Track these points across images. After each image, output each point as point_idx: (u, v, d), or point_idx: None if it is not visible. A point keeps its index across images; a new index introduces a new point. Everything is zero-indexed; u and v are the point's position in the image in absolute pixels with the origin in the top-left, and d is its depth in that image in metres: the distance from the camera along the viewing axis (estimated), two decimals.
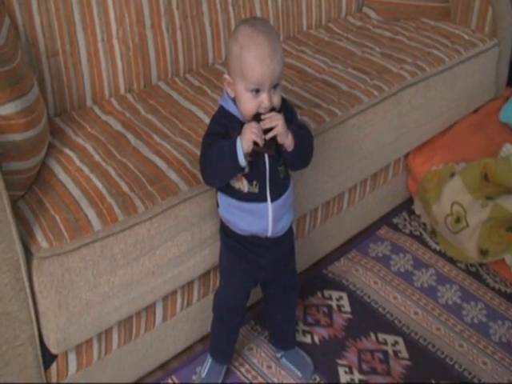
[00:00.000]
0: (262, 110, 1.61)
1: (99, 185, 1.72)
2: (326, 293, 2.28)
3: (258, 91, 1.59)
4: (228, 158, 1.59)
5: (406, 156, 2.62)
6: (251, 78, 1.57)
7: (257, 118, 1.60)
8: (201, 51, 2.38)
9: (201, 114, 2.08)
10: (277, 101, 1.63)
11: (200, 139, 1.72)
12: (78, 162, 1.80)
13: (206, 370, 1.95)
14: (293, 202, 1.81)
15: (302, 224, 2.21)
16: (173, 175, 1.79)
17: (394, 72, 2.43)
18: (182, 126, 2.02)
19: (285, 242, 1.82)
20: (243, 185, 1.67)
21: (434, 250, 2.51)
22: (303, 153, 1.73)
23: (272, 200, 1.68)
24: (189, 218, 1.77)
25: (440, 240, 2.52)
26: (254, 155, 1.62)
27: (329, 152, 2.12)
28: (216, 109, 1.74)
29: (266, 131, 1.58)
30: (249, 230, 1.72)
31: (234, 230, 1.74)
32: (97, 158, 1.84)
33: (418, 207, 2.65)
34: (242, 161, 1.58)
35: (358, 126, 2.22)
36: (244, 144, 1.56)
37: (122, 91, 2.21)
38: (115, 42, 2.15)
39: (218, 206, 1.76)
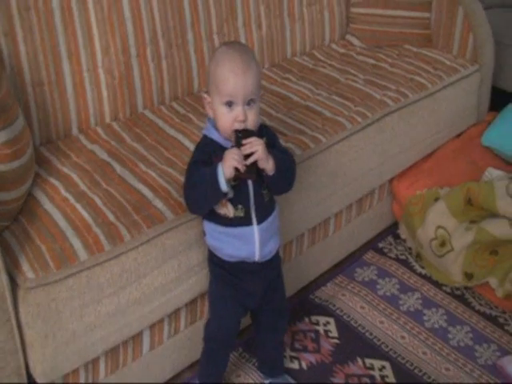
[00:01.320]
0: (237, 126, 1.63)
1: (85, 214, 1.72)
2: (313, 318, 2.27)
3: (231, 104, 1.62)
4: (210, 184, 1.60)
5: (391, 181, 2.63)
6: (224, 90, 1.61)
7: (237, 143, 1.62)
8: (186, 79, 2.40)
9: (186, 142, 2.08)
10: (252, 118, 1.65)
11: (185, 167, 1.72)
12: (63, 192, 1.80)
13: None
14: (279, 228, 1.81)
15: (289, 250, 2.21)
16: (159, 203, 1.79)
17: (377, 99, 2.45)
18: (168, 153, 2.03)
19: (272, 267, 1.82)
20: (228, 210, 1.67)
21: (420, 274, 2.52)
22: (285, 177, 1.74)
23: (258, 223, 1.69)
24: (175, 246, 1.77)
25: (425, 264, 2.52)
26: (238, 180, 1.64)
27: (314, 178, 2.13)
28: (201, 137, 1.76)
29: (247, 156, 1.60)
30: (237, 256, 1.72)
31: (222, 257, 1.74)
32: (82, 187, 1.83)
33: (403, 231, 2.66)
34: (224, 186, 1.59)
35: (342, 152, 2.23)
36: (225, 170, 1.58)
37: (108, 120, 2.21)
38: (100, 71, 2.15)
39: (204, 234, 1.76)
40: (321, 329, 2.23)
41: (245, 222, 1.69)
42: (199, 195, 1.64)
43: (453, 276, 2.39)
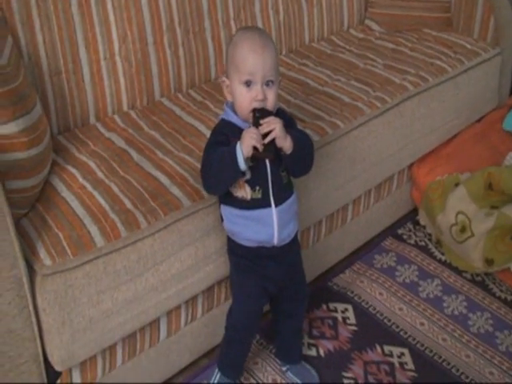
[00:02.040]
0: (256, 104, 1.64)
1: (102, 201, 1.72)
2: (331, 305, 2.26)
3: (250, 84, 1.63)
4: (228, 163, 1.60)
5: (410, 166, 2.60)
6: (243, 68, 1.62)
7: (255, 122, 1.62)
8: (203, 67, 2.39)
9: (203, 129, 2.07)
10: (271, 98, 1.66)
11: (202, 154, 1.72)
12: (81, 179, 1.80)
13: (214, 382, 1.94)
14: (297, 213, 1.80)
15: (306, 236, 2.20)
16: (176, 190, 1.79)
17: (396, 83, 2.42)
18: (185, 141, 2.02)
19: (291, 251, 1.81)
20: (246, 192, 1.67)
21: (440, 261, 2.49)
22: (303, 156, 1.73)
23: (276, 205, 1.68)
24: (192, 232, 1.76)
25: (445, 250, 2.50)
26: (255, 160, 1.64)
27: (332, 164, 2.11)
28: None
29: (265, 136, 1.60)
30: (255, 239, 1.72)
31: (241, 243, 1.74)
32: (100, 174, 1.83)
33: (422, 218, 2.63)
34: (242, 165, 1.59)
35: (361, 138, 2.21)
36: (244, 149, 1.58)
37: (125, 108, 2.21)
38: (118, 59, 2.15)
39: (222, 220, 1.76)
40: (339, 316, 2.22)
41: (263, 203, 1.68)
42: (217, 174, 1.64)
43: (473, 262, 2.37)
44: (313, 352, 2.09)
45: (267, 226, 1.69)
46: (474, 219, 2.34)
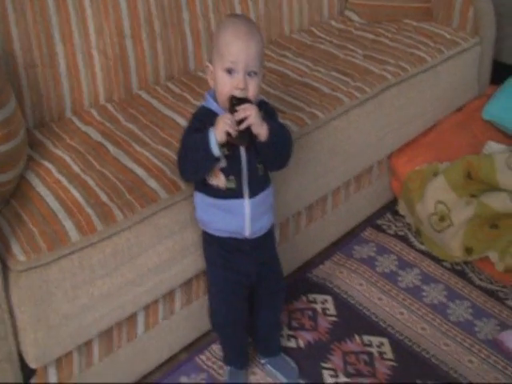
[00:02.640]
0: (236, 93, 1.62)
1: (77, 195, 1.69)
2: (311, 296, 2.24)
3: (232, 72, 1.61)
4: (202, 149, 1.59)
5: (390, 157, 2.58)
6: (226, 55, 1.60)
7: (231, 109, 1.60)
8: (182, 59, 2.35)
9: (181, 121, 2.04)
10: (252, 89, 1.64)
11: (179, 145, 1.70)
12: (56, 174, 1.77)
13: (228, 378, 1.92)
14: (273, 206, 1.78)
15: (286, 228, 2.18)
16: (153, 183, 1.76)
17: (376, 73, 2.40)
18: (163, 133, 1.99)
19: (265, 247, 1.80)
20: (220, 180, 1.65)
21: (419, 250, 2.48)
22: (279, 147, 1.70)
23: (250, 196, 1.67)
24: (169, 225, 1.74)
25: (425, 239, 2.49)
26: (230, 149, 1.62)
27: (311, 155, 2.09)
28: None
29: (240, 123, 1.59)
30: (225, 229, 1.70)
31: (213, 233, 1.72)
32: (75, 168, 1.80)
33: (402, 208, 2.61)
34: (216, 151, 1.58)
35: (341, 128, 2.20)
36: (217, 134, 1.57)
37: (102, 101, 2.17)
38: (94, 52, 2.11)
39: (195, 209, 1.74)
40: (318, 307, 2.20)
41: (236, 194, 1.66)
42: (191, 160, 1.63)
43: (452, 251, 2.36)
44: (292, 344, 2.07)
45: (238, 217, 1.68)
46: (454, 208, 2.33)
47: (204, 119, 1.67)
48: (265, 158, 1.69)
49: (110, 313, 1.67)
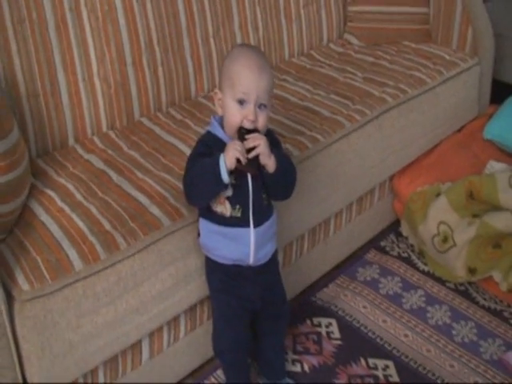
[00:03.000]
0: (246, 124, 1.63)
1: (80, 224, 1.69)
2: (315, 320, 2.23)
3: (243, 102, 1.61)
4: (211, 173, 1.59)
5: (392, 178, 2.58)
6: (238, 86, 1.60)
7: (241, 137, 1.61)
8: (183, 85, 2.36)
9: (183, 148, 2.05)
10: (262, 122, 1.65)
11: (183, 172, 1.70)
12: (59, 202, 1.77)
13: None
14: (276, 233, 1.78)
15: (289, 252, 2.17)
16: (155, 210, 1.76)
17: (375, 96, 2.41)
18: (165, 160, 2.00)
19: (269, 272, 1.79)
20: (226, 208, 1.65)
21: (423, 271, 2.47)
22: (284, 179, 1.71)
23: (255, 226, 1.66)
24: (172, 252, 1.74)
25: (428, 260, 2.48)
26: (238, 177, 1.63)
27: (313, 178, 2.10)
28: None
29: (249, 151, 1.59)
30: (230, 257, 1.70)
31: (216, 260, 1.71)
32: (78, 196, 1.81)
33: (404, 229, 2.61)
34: (225, 177, 1.57)
35: (342, 151, 2.20)
36: (227, 160, 1.57)
37: (105, 129, 2.18)
38: (96, 80, 2.12)
39: (198, 235, 1.74)
40: (323, 330, 2.19)
41: (241, 222, 1.66)
42: (200, 185, 1.62)
43: (456, 271, 2.35)
44: (297, 368, 2.05)
45: (243, 245, 1.68)
46: (456, 229, 2.33)
47: (210, 144, 1.68)
48: (270, 188, 1.70)
49: (115, 341, 1.66)
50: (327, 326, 2.20)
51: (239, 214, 1.65)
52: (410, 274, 2.45)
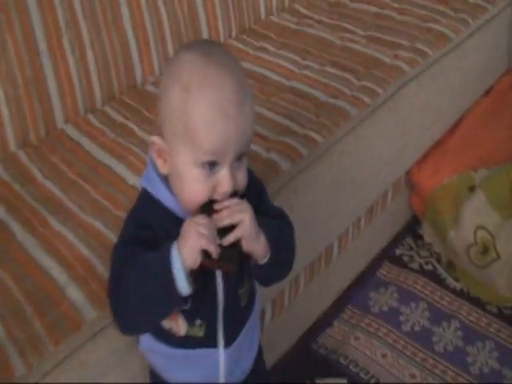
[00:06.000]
0: (217, 197, 0.88)
1: None
2: (319, 382, 1.56)
3: (213, 165, 0.86)
4: (158, 283, 0.85)
5: (408, 171, 1.87)
6: (205, 145, 0.85)
7: (207, 207, 0.88)
8: (123, 69, 1.60)
9: (122, 171, 1.34)
10: (242, 180, 0.91)
11: (120, 213, 1.06)
12: None
13: None
14: (259, 326, 1.10)
15: (280, 300, 1.48)
16: (74, 292, 1.06)
17: (387, 64, 1.70)
18: (95, 193, 1.28)
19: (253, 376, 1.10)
20: (178, 325, 0.95)
21: (454, 290, 1.80)
22: (282, 260, 0.99)
23: (226, 344, 0.97)
24: (103, 359, 1.06)
25: (460, 275, 1.81)
26: (200, 275, 0.88)
27: (310, 197, 1.42)
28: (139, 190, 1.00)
29: (224, 232, 0.86)
30: (193, 381, 1.01)
31: (168, 381, 1.03)
32: None
33: (427, 234, 1.91)
34: (184, 286, 0.85)
35: (348, 153, 1.51)
36: (185, 255, 0.83)
37: (13, 148, 1.43)
38: None
39: (138, 342, 1.05)
40: None
41: (205, 342, 0.97)
42: (138, 304, 0.88)
43: (500, 291, 1.68)
44: None
45: (210, 370, 0.98)
46: (499, 235, 1.68)
47: (151, 221, 0.92)
48: (258, 278, 1.01)
49: None
50: None
51: (201, 333, 0.95)
52: (439, 296, 1.78)
